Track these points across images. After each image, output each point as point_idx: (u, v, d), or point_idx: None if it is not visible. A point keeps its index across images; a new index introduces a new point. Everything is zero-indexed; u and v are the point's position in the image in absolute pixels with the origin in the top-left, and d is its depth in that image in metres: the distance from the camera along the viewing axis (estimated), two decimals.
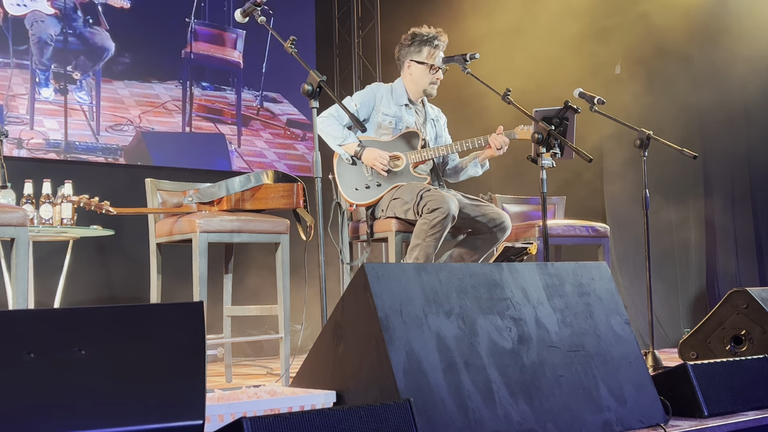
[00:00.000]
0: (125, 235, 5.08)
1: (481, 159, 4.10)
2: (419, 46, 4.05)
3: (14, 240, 3.02)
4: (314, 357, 2.44)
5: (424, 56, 4.04)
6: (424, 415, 2.07)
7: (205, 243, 3.49)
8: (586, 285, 2.68)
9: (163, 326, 1.92)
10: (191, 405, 1.86)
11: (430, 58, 4.03)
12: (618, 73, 5.75)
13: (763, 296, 3.81)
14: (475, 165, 4.13)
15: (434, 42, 4.03)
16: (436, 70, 4.04)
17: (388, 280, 2.25)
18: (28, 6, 5.54)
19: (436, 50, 4.03)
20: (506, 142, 3.94)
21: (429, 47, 4.03)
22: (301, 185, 3.77)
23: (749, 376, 2.82)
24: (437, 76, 4.06)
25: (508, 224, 3.93)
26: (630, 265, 5.57)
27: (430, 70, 4.04)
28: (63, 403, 1.76)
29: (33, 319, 1.84)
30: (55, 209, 4.44)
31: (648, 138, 4.00)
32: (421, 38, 4.05)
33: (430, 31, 4.06)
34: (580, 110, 3.71)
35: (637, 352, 2.64)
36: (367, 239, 4.01)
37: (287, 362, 3.63)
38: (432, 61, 4.02)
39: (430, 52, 4.03)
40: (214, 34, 6.38)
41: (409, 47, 4.07)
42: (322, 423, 1.85)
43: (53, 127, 5.57)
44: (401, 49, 4.12)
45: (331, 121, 3.97)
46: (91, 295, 5.43)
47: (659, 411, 2.55)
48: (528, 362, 2.37)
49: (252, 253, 5.16)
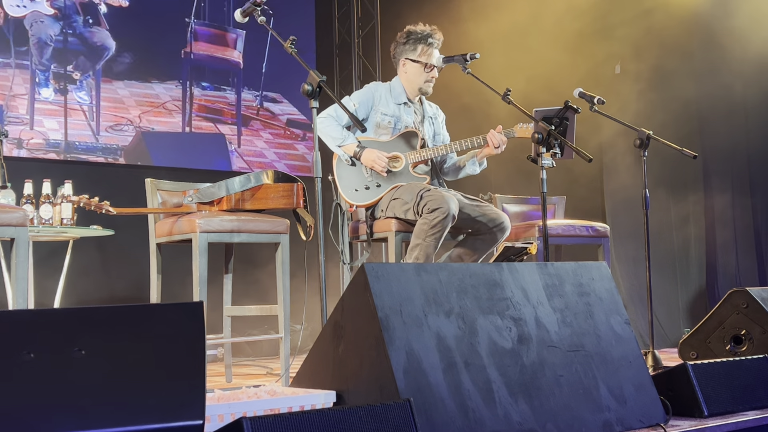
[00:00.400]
0: (125, 235, 5.08)
1: (479, 157, 4.10)
2: (414, 44, 4.05)
3: (14, 240, 3.02)
4: (314, 357, 2.44)
5: (419, 54, 4.04)
6: (424, 414, 2.07)
7: (205, 243, 3.49)
8: (586, 285, 2.68)
9: (163, 326, 1.92)
10: (191, 405, 1.86)
11: (424, 56, 4.03)
12: (618, 72, 5.75)
13: (763, 296, 3.81)
14: (473, 163, 4.13)
15: (428, 40, 4.03)
16: (430, 68, 4.04)
17: (388, 280, 2.25)
18: (28, 7, 5.54)
19: (430, 48, 4.03)
20: (504, 140, 3.94)
21: (423, 45, 4.03)
22: (301, 185, 3.77)
23: (749, 376, 2.82)
24: (432, 75, 4.06)
25: (508, 225, 3.93)
26: (630, 265, 5.57)
27: (424, 69, 4.04)
28: (63, 404, 1.77)
29: (33, 319, 1.84)
30: (55, 209, 4.44)
31: (648, 138, 4.00)
32: (416, 36, 4.05)
33: (424, 29, 4.06)
34: (580, 110, 3.71)
35: (637, 351, 2.64)
36: (366, 239, 4.01)
37: (287, 362, 3.63)
38: (426, 59, 4.03)
39: (424, 50, 4.03)
40: (214, 34, 6.38)
41: (404, 45, 4.08)
42: (322, 423, 1.85)
43: (53, 127, 5.57)
44: (397, 47, 4.12)
45: (330, 122, 3.97)
46: (91, 295, 5.43)
47: (659, 411, 2.55)
48: (528, 362, 2.37)
49: (252, 253, 5.16)
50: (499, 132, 3.94)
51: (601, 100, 3.95)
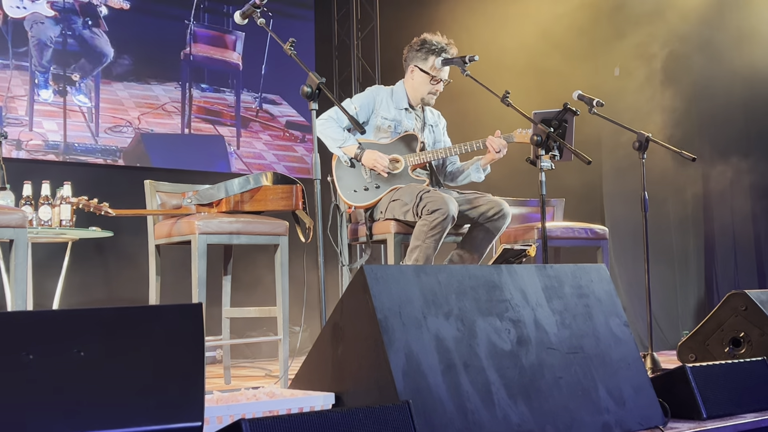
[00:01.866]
0: (124, 237, 5.07)
1: (483, 163, 4.09)
2: (426, 54, 4.01)
3: (13, 241, 3.02)
4: (313, 359, 2.44)
5: (429, 66, 4.01)
6: (423, 416, 2.07)
7: (204, 244, 3.49)
8: (585, 287, 2.68)
9: (161, 328, 1.92)
10: (190, 407, 1.86)
11: (434, 69, 4.01)
12: (617, 75, 5.76)
13: (762, 298, 3.81)
14: (478, 170, 4.11)
15: (442, 54, 3.99)
16: (437, 82, 4.02)
17: (387, 282, 2.25)
18: (28, 8, 5.54)
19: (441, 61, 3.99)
20: (504, 144, 3.94)
21: (435, 57, 4.00)
22: (301, 187, 3.77)
23: (748, 378, 2.83)
24: (437, 88, 4.05)
25: (508, 210, 3.90)
26: (629, 267, 5.57)
27: (431, 81, 4.02)
28: (62, 405, 1.76)
29: (32, 321, 1.84)
30: (54, 211, 4.43)
31: (647, 140, 4.00)
32: (429, 47, 4.00)
33: (440, 41, 4.01)
34: (579, 112, 3.72)
35: (636, 354, 2.64)
36: (366, 241, 4.01)
37: (286, 364, 3.63)
38: (435, 72, 4.00)
39: (435, 63, 4.00)
40: (214, 35, 6.38)
41: (417, 52, 4.04)
42: (320, 425, 1.85)
43: (52, 128, 5.57)
44: (409, 51, 4.08)
45: (331, 124, 3.97)
46: (90, 296, 5.43)
47: (658, 413, 2.55)
48: (527, 364, 2.37)
49: (251, 255, 5.15)
50: (498, 137, 3.94)
51: (600, 102, 3.95)
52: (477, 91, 3.71)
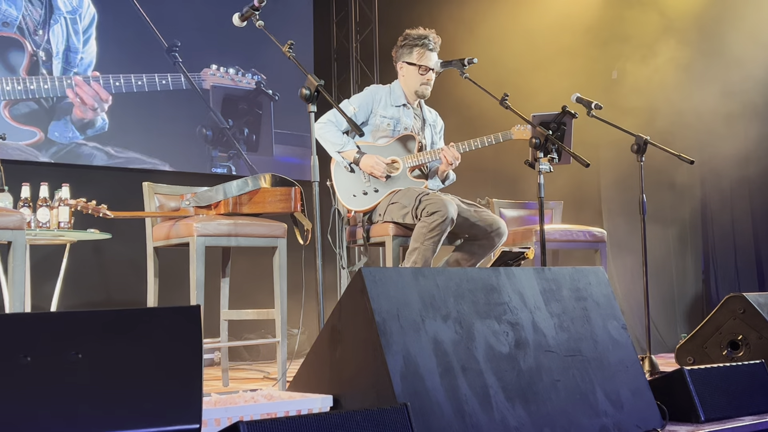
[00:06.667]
0: (122, 239, 5.07)
1: (439, 174, 4.11)
2: (410, 47, 4.07)
3: (11, 243, 3.02)
4: (311, 361, 2.44)
5: (415, 57, 4.05)
6: (420, 419, 2.07)
7: (202, 247, 3.49)
8: (583, 290, 2.68)
9: (159, 330, 1.92)
10: (188, 409, 1.86)
11: (420, 59, 4.04)
12: (615, 78, 5.76)
13: (760, 301, 3.81)
14: (434, 178, 4.13)
15: (423, 41, 4.04)
16: (425, 71, 4.05)
17: (385, 285, 2.25)
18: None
19: (425, 50, 4.04)
20: (457, 156, 3.94)
21: (419, 48, 4.05)
22: (299, 189, 3.77)
23: (746, 381, 2.83)
24: (428, 77, 4.07)
25: (505, 230, 3.94)
26: (627, 270, 5.57)
27: (419, 71, 4.05)
28: (59, 407, 1.76)
29: (30, 323, 1.84)
30: (52, 213, 4.43)
31: (645, 143, 4.00)
32: (411, 39, 4.07)
33: (420, 32, 4.08)
34: (577, 115, 3.73)
35: (634, 357, 2.64)
36: (364, 244, 4.01)
37: (284, 366, 3.62)
38: (422, 62, 4.04)
39: (420, 53, 4.04)
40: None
41: (402, 48, 4.11)
42: (318, 427, 1.85)
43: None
44: (396, 50, 4.15)
45: (330, 128, 3.98)
46: (88, 298, 5.42)
47: (656, 416, 2.55)
48: (525, 367, 2.37)
49: (249, 257, 5.15)
50: (451, 147, 3.95)
51: (599, 105, 3.96)
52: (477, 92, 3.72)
